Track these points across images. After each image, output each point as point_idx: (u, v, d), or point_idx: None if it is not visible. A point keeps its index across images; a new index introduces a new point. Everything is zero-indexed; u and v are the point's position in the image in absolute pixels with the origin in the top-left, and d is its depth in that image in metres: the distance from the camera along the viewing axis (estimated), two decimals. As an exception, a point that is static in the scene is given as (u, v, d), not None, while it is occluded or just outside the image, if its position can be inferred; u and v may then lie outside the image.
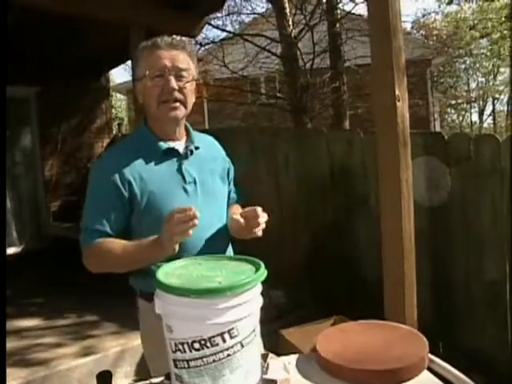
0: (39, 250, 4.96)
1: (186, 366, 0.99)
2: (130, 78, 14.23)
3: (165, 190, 1.34)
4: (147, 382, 1.20)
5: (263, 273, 1.05)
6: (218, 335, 0.98)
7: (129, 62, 6.54)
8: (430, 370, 1.31)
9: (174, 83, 1.33)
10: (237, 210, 1.49)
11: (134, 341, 2.86)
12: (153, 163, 1.36)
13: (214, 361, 0.98)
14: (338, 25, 7.09)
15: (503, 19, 9.64)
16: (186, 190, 1.38)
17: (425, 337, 2.07)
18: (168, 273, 1.08)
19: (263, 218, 1.34)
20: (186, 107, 1.38)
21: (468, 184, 2.55)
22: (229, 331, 0.98)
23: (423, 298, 1.99)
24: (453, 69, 18.32)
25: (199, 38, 7.27)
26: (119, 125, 9.98)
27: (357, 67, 8.28)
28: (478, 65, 18.35)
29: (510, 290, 2.41)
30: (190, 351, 0.99)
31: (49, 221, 5.45)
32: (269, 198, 3.55)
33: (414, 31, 16.94)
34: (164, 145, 1.38)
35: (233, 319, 0.98)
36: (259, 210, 1.34)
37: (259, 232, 1.35)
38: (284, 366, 1.23)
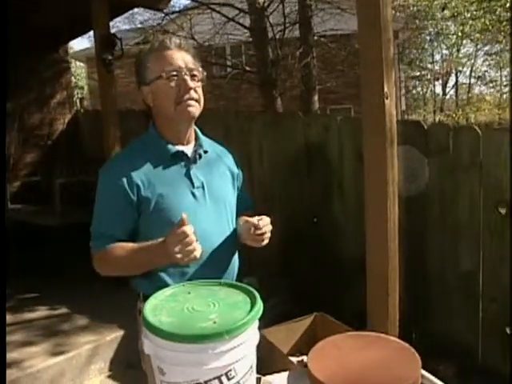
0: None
1: (181, 411, 0.92)
2: (89, 45, 13.54)
3: (173, 194, 1.32)
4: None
5: (260, 307, 0.98)
6: (215, 378, 0.91)
7: (90, 33, 6.14)
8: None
9: (190, 82, 1.31)
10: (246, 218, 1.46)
11: (107, 336, 2.77)
12: (161, 167, 1.34)
13: (210, 404, 0.92)
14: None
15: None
16: (194, 195, 1.36)
17: (399, 325, 2.10)
18: (156, 307, 0.99)
19: (266, 229, 1.35)
20: (200, 106, 1.36)
21: (446, 174, 2.55)
22: (226, 373, 0.92)
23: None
24: (418, 41, 18.41)
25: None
26: (81, 100, 9.49)
27: (325, 39, 8.14)
28: (442, 37, 18.47)
29: (482, 280, 2.46)
30: (185, 395, 0.92)
31: (6, 203, 5.15)
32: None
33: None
34: (173, 148, 1.36)
35: (231, 361, 0.91)
36: (262, 221, 1.35)
37: (263, 243, 1.37)
38: (278, 392, 1.18)
